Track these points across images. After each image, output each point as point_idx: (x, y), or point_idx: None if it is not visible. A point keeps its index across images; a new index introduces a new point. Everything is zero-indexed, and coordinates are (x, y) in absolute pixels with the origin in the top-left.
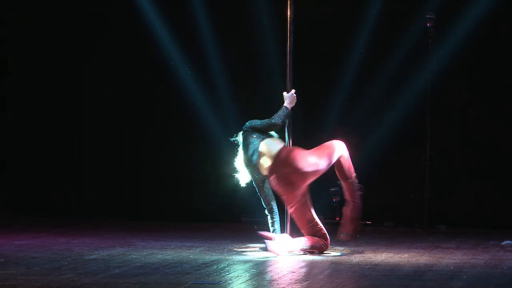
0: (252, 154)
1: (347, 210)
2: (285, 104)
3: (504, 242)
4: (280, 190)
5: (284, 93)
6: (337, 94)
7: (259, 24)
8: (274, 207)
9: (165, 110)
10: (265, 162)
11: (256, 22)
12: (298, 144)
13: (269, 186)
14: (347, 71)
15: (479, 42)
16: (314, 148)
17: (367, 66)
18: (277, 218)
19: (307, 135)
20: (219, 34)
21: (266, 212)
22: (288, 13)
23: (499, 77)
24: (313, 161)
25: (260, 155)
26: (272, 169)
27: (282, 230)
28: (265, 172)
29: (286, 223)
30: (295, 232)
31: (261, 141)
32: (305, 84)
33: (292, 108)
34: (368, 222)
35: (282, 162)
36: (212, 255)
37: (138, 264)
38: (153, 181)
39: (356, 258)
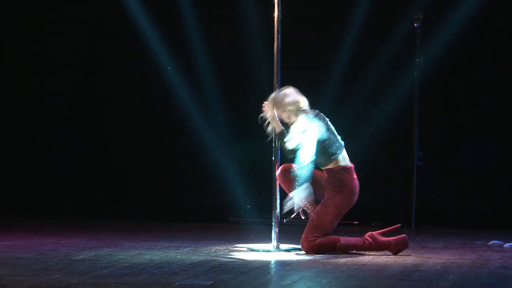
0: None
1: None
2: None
3: (491, 242)
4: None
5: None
6: (325, 95)
7: (247, 24)
8: None
9: (153, 110)
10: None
11: (243, 22)
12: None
13: None
14: (334, 71)
15: (467, 42)
16: None
17: (354, 67)
18: None
19: None
20: (206, 34)
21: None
22: (276, 13)
23: (487, 77)
24: None
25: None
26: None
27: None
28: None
29: (274, 226)
30: (284, 236)
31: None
32: (292, 84)
33: None
34: (355, 222)
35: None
36: (199, 255)
37: (125, 264)
38: (140, 181)
39: (343, 258)
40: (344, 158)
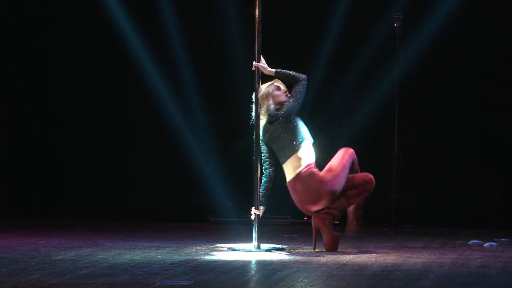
0: None
1: (351, 209)
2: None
3: (471, 241)
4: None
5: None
6: (306, 94)
7: (227, 24)
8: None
9: (133, 111)
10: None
11: (224, 22)
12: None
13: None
14: (314, 72)
15: (447, 42)
16: None
17: (334, 67)
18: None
19: None
20: (187, 34)
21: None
22: (256, 13)
23: (467, 77)
24: None
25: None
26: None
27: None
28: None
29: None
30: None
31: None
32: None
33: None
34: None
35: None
36: (180, 255)
37: (106, 264)
38: (121, 181)
39: (324, 257)
40: None
